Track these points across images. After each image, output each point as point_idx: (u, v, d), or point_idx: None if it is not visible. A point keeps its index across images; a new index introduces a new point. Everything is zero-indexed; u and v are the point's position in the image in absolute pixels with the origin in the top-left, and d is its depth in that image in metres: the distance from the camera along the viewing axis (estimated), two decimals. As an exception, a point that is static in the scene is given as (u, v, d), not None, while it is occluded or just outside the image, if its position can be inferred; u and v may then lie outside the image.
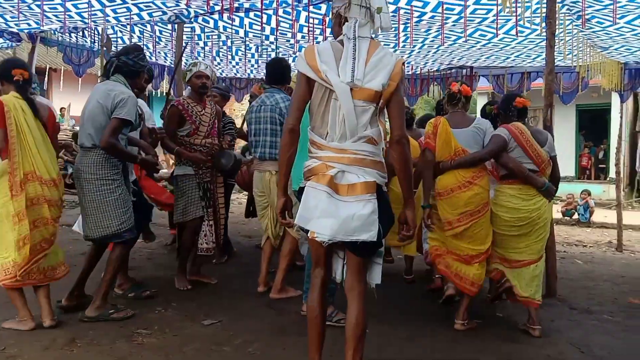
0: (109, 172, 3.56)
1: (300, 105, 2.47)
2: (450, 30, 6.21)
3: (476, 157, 3.71)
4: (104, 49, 5.82)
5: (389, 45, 7.02)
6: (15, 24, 6.66)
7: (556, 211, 5.48)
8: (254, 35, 6.93)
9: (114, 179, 3.59)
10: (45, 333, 3.31)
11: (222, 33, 7.02)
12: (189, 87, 4.59)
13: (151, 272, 5.01)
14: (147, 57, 5.75)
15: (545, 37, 4.78)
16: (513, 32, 5.83)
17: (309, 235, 2.42)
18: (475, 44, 6.84)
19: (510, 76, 8.40)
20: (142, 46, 4.36)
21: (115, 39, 7.51)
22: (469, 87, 4.01)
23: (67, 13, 5.95)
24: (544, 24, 4.80)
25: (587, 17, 5.40)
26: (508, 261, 3.81)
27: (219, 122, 4.74)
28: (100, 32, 7.08)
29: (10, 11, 5.98)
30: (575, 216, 11.08)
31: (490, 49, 7.14)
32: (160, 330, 3.46)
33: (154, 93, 9.91)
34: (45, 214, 3.35)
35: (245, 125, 5.24)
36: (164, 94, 12.19)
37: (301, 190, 2.49)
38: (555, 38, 4.78)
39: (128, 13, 6.10)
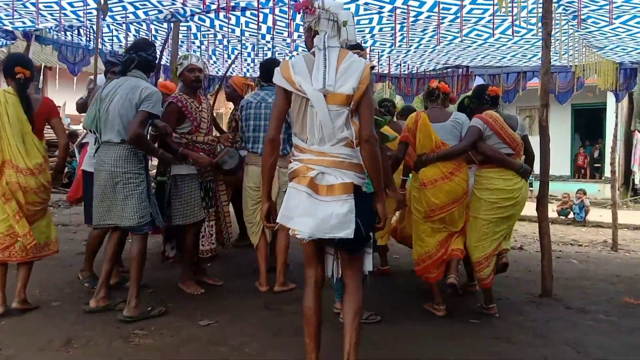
0: (135, 166, 3.68)
1: (279, 115, 2.65)
2: (447, 30, 6.21)
3: (456, 149, 3.97)
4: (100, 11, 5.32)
5: (385, 44, 7.03)
6: (10, 22, 6.62)
7: (551, 210, 5.51)
8: (250, 34, 6.91)
9: (140, 172, 3.70)
10: (42, 333, 3.31)
11: (219, 32, 7.00)
12: (180, 83, 4.41)
13: (148, 273, 4.96)
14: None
15: (541, 37, 4.80)
16: (509, 32, 5.84)
17: (290, 232, 2.57)
18: (472, 43, 6.85)
19: (506, 76, 8.43)
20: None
21: (110, 38, 7.49)
22: (447, 85, 4.21)
23: (62, 11, 5.92)
24: (540, 24, 4.81)
25: (582, 17, 5.42)
26: (488, 258, 4.04)
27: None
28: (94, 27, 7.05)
29: (4, 9, 5.95)
30: (571, 215, 11.13)
31: (487, 49, 7.15)
32: (157, 331, 3.45)
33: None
34: (20, 198, 3.59)
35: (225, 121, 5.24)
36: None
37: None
38: (551, 38, 4.80)
39: (124, 11, 6.07)
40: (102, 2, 5.45)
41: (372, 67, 2.69)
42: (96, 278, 4.25)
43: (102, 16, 5.24)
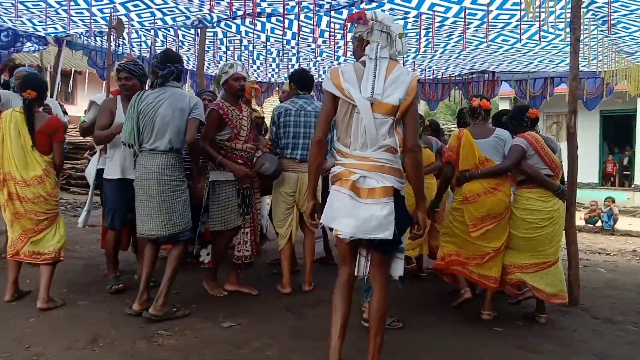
0: (180, 174, 3.80)
1: (326, 119, 2.79)
2: (472, 35, 6.17)
3: (501, 168, 4.04)
4: (113, 31, 5.28)
5: (410, 50, 7.01)
6: (43, 28, 6.81)
7: (579, 218, 5.41)
8: (275, 40, 6.98)
9: (183, 180, 3.83)
10: (68, 332, 3.38)
11: (244, 38, 7.08)
12: (222, 90, 4.41)
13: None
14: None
15: (569, 43, 4.73)
16: (536, 37, 5.77)
17: (333, 233, 2.70)
18: (498, 49, 6.79)
19: (533, 81, 8.34)
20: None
21: (139, 43, 7.64)
22: (488, 101, 4.24)
23: (92, 17, 6.07)
24: (568, 29, 4.74)
25: (612, 22, 5.33)
26: (528, 267, 4.03)
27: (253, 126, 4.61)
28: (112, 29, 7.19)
29: (38, 16, 6.12)
30: (599, 223, 10.91)
31: (513, 54, 7.08)
32: (180, 332, 3.49)
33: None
34: (19, 208, 3.87)
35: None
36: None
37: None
38: (580, 43, 4.72)
39: (152, 18, 6.19)
40: (116, 21, 5.51)
41: (419, 80, 2.82)
42: (119, 277, 4.38)
43: (114, 36, 5.20)
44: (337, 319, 2.74)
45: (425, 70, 8.46)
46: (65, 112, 5.85)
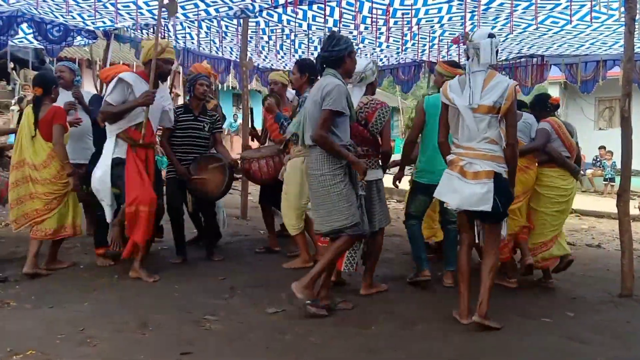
0: (330, 168, 3.56)
1: (445, 123, 3.62)
2: (520, 18, 5.98)
3: (532, 147, 4.56)
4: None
5: (455, 34, 6.86)
6: (92, 22, 7.02)
7: (633, 207, 5.19)
8: (317, 28, 6.96)
9: (336, 174, 3.56)
10: (119, 316, 3.50)
11: (286, 27, 7.09)
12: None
13: (227, 265, 5.13)
14: (215, 51, 5.79)
15: (623, 23, 4.51)
16: (587, 18, 5.53)
17: (444, 205, 3.64)
18: (547, 31, 6.55)
19: (585, 65, 7.97)
20: (334, 32, 3.87)
21: (184, 35, 7.76)
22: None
23: (139, 10, 6.21)
24: (622, 9, 4.53)
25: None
26: (547, 244, 4.61)
27: None
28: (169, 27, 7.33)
29: (87, 10, 6.30)
30: (655, 213, 10.44)
31: (563, 37, 6.82)
32: (226, 317, 3.57)
33: (219, 87, 10.15)
34: (31, 189, 4.37)
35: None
36: (230, 87, 12.55)
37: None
38: (636, 23, 4.51)
39: (196, 9, 6.28)
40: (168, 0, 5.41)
41: (516, 86, 3.49)
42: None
43: (166, 15, 5.07)
44: (463, 272, 3.56)
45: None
46: None
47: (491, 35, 3.45)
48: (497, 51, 3.52)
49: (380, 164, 4.18)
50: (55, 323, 3.34)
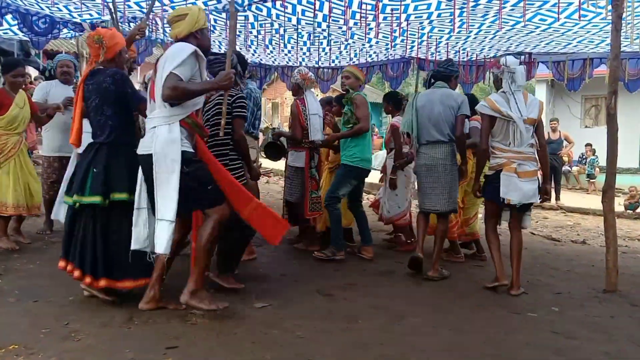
0: (455, 160, 4.76)
1: (487, 133, 4.29)
2: (508, 15, 6.00)
3: (474, 142, 4.97)
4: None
5: (444, 31, 6.87)
6: (79, 15, 6.92)
7: (618, 204, 5.26)
8: (306, 23, 6.93)
9: (456, 163, 4.77)
10: (105, 311, 3.46)
11: (275, 21, 7.05)
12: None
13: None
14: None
15: (610, 21, 4.55)
16: (575, 16, 5.56)
17: (505, 202, 4.19)
18: (535, 29, 6.57)
19: (572, 63, 8.03)
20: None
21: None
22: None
23: (126, 3, 6.13)
24: (609, 7, 4.56)
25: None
26: (472, 219, 5.55)
27: None
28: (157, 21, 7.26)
29: (73, 3, 6.21)
30: (639, 210, 10.57)
31: (551, 34, 6.85)
32: (214, 312, 3.54)
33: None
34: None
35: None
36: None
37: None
38: (622, 22, 4.54)
39: (184, 2, 6.21)
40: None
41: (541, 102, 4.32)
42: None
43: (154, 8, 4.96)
44: (496, 244, 4.36)
45: (459, 52, 8.27)
46: None
47: (521, 63, 4.14)
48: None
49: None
50: (40, 317, 3.30)
